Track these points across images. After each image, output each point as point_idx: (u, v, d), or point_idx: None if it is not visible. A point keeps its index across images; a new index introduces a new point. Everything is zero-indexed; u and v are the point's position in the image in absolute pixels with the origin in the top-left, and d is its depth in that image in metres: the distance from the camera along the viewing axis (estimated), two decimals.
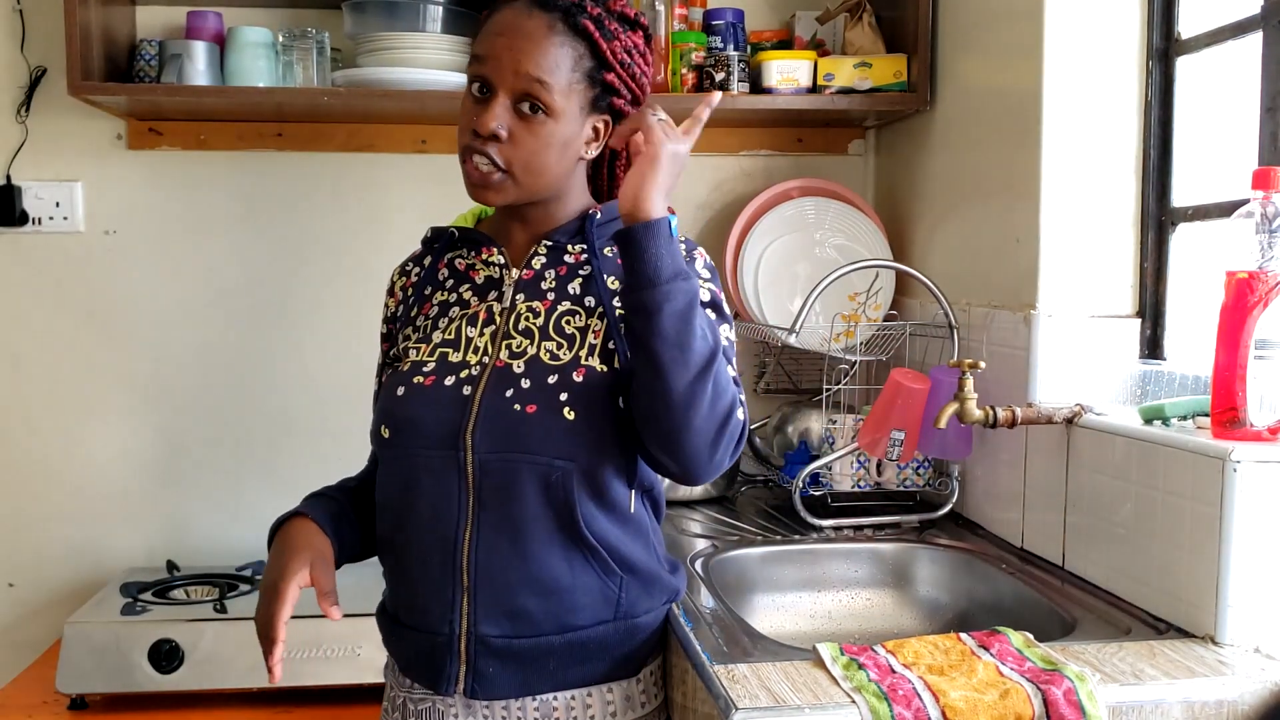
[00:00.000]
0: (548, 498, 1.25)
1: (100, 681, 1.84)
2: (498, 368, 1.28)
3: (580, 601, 1.28)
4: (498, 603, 1.26)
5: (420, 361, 1.31)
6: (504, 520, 1.25)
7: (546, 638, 1.27)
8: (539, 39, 1.25)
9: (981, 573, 1.70)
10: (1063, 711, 1.10)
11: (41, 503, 2.25)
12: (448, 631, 1.27)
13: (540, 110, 1.25)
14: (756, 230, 2.21)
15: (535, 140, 1.26)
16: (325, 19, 2.16)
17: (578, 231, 1.35)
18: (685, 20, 2.17)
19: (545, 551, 1.26)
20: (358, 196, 2.29)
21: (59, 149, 2.20)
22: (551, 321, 1.30)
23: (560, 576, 1.27)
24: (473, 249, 1.38)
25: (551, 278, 1.33)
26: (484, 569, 1.26)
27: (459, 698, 1.30)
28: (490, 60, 1.26)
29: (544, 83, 1.24)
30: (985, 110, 1.89)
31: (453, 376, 1.28)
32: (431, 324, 1.35)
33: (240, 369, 2.27)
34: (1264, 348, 1.28)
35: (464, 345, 1.31)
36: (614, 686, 1.33)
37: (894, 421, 1.83)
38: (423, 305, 1.38)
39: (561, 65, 1.25)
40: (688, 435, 1.20)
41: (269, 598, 1.24)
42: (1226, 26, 1.54)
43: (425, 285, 1.39)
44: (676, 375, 1.17)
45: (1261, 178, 1.27)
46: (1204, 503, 1.30)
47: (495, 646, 1.27)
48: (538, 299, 1.32)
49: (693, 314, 1.19)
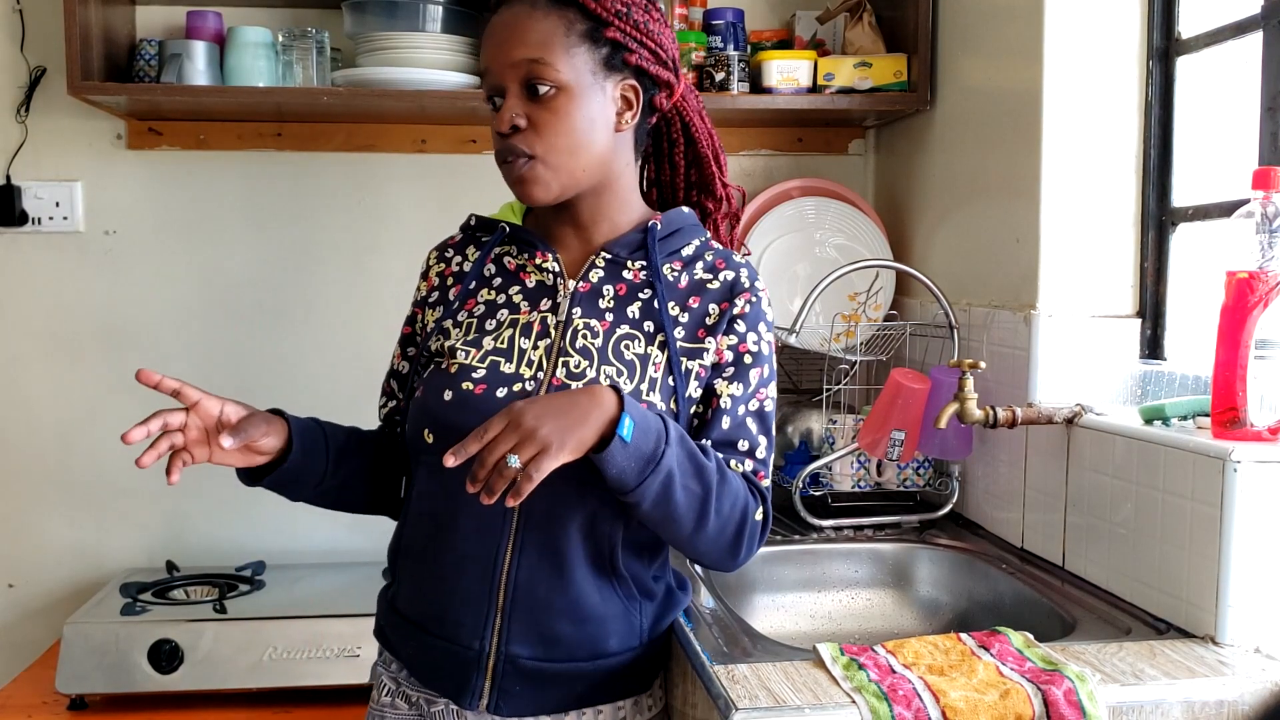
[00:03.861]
0: (591, 528, 1.24)
1: (100, 682, 1.83)
2: (554, 386, 1.24)
3: (610, 629, 1.27)
4: (534, 625, 1.25)
5: (469, 366, 1.26)
6: (546, 545, 1.24)
7: (577, 663, 1.26)
8: (522, 22, 1.24)
9: (981, 573, 1.70)
10: (1063, 712, 1.10)
11: (41, 503, 2.25)
12: (478, 648, 1.25)
13: (549, 88, 1.23)
14: (756, 230, 2.21)
15: (554, 117, 1.24)
16: (325, 19, 2.15)
17: (638, 246, 1.31)
18: (685, 20, 2.17)
19: (582, 579, 1.25)
20: (358, 196, 2.29)
21: (59, 149, 2.20)
22: (610, 344, 1.26)
23: (594, 605, 1.26)
24: (524, 250, 1.34)
25: (610, 295, 1.30)
26: (523, 590, 1.24)
27: (479, 714, 1.28)
28: (491, 66, 1.25)
29: (539, 60, 1.22)
30: (985, 110, 1.89)
31: (505, 389, 1.24)
32: (478, 324, 1.30)
33: (240, 368, 2.27)
34: (1264, 348, 1.28)
35: (517, 357, 1.26)
36: (626, 699, 1.33)
37: (894, 421, 1.83)
38: (466, 300, 1.33)
39: (552, 36, 1.23)
40: (703, 557, 1.27)
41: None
42: (1226, 26, 1.54)
43: (470, 279, 1.34)
44: (674, 534, 1.23)
45: (1261, 178, 1.27)
46: (1204, 503, 1.30)
47: (526, 668, 1.25)
48: (596, 318, 1.28)
49: (671, 492, 1.16)
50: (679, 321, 1.28)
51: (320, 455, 1.32)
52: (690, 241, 1.34)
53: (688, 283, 1.31)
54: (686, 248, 1.33)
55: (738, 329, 1.29)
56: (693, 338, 1.28)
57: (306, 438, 1.30)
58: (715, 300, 1.30)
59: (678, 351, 1.26)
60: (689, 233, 1.35)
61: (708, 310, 1.29)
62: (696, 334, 1.28)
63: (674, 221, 1.34)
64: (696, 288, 1.31)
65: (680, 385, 1.25)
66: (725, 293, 1.30)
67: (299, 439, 1.28)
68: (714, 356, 1.28)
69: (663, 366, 1.26)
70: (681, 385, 1.26)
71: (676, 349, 1.26)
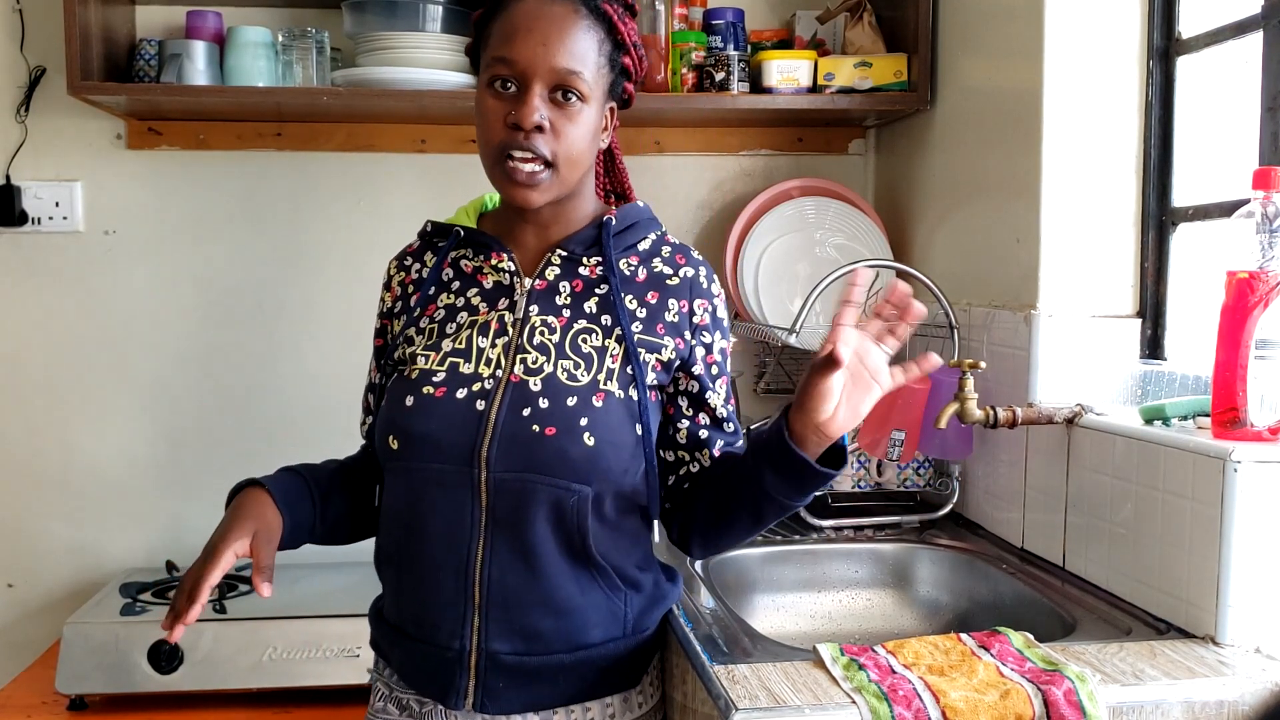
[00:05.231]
0: (560, 520, 1.24)
1: (100, 682, 1.83)
2: (513, 383, 1.25)
3: (591, 620, 1.28)
4: (510, 621, 1.25)
5: (429, 370, 1.28)
6: (516, 540, 1.24)
7: (557, 656, 1.27)
8: (568, 28, 1.23)
9: (982, 573, 1.70)
10: (1063, 712, 1.10)
11: (41, 503, 2.24)
12: (458, 647, 1.26)
13: (576, 98, 1.24)
14: (756, 230, 2.21)
15: (575, 128, 1.24)
16: (325, 19, 2.15)
17: (593, 242, 1.32)
18: (685, 20, 2.17)
19: (556, 571, 1.25)
20: (357, 196, 2.29)
21: (59, 149, 2.20)
22: (568, 340, 1.28)
23: (571, 596, 1.26)
24: (480, 251, 1.35)
25: (566, 292, 1.31)
26: (497, 587, 1.25)
27: (467, 713, 1.29)
28: (520, 60, 1.22)
29: (578, 73, 1.23)
30: (985, 110, 1.89)
31: (464, 389, 1.26)
32: (438, 329, 1.32)
33: (240, 368, 2.27)
34: (1264, 348, 1.28)
35: (475, 357, 1.28)
36: (614, 695, 1.33)
37: (894, 421, 1.83)
38: (426, 306, 1.34)
39: (590, 52, 1.24)
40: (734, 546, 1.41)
41: (204, 557, 1.22)
42: (1227, 26, 1.54)
43: (429, 285, 1.35)
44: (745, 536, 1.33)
45: (1262, 178, 1.27)
46: (1204, 503, 1.30)
47: (506, 664, 1.26)
48: (553, 314, 1.29)
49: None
50: (636, 315, 1.30)
51: (315, 527, 1.34)
52: (646, 236, 1.36)
53: (646, 276, 1.32)
54: (643, 242, 1.35)
55: (704, 339, 1.33)
56: (651, 331, 1.29)
57: (301, 525, 1.33)
58: (675, 296, 1.31)
59: (635, 344, 1.28)
60: (644, 226, 1.36)
61: (667, 305, 1.31)
62: (655, 329, 1.30)
63: (629, 216, 1.35)
64: (655, 281, 1.32)
65: (639, 373, 1.27)
66: (685, 291, 1.32)
67: (287, 512, 1.30)
68: (672, 354, 1.30)
69: (620, 357, 1.27)
70: (641, 373, 1.27)
71: (634, 341, 1.28)
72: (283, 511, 1.29)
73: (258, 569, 1.21)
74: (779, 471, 1.20)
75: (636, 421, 1.26)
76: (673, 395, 1.33)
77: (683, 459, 1.35)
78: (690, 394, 1.33)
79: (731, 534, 1.32)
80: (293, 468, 1.37)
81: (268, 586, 1.20)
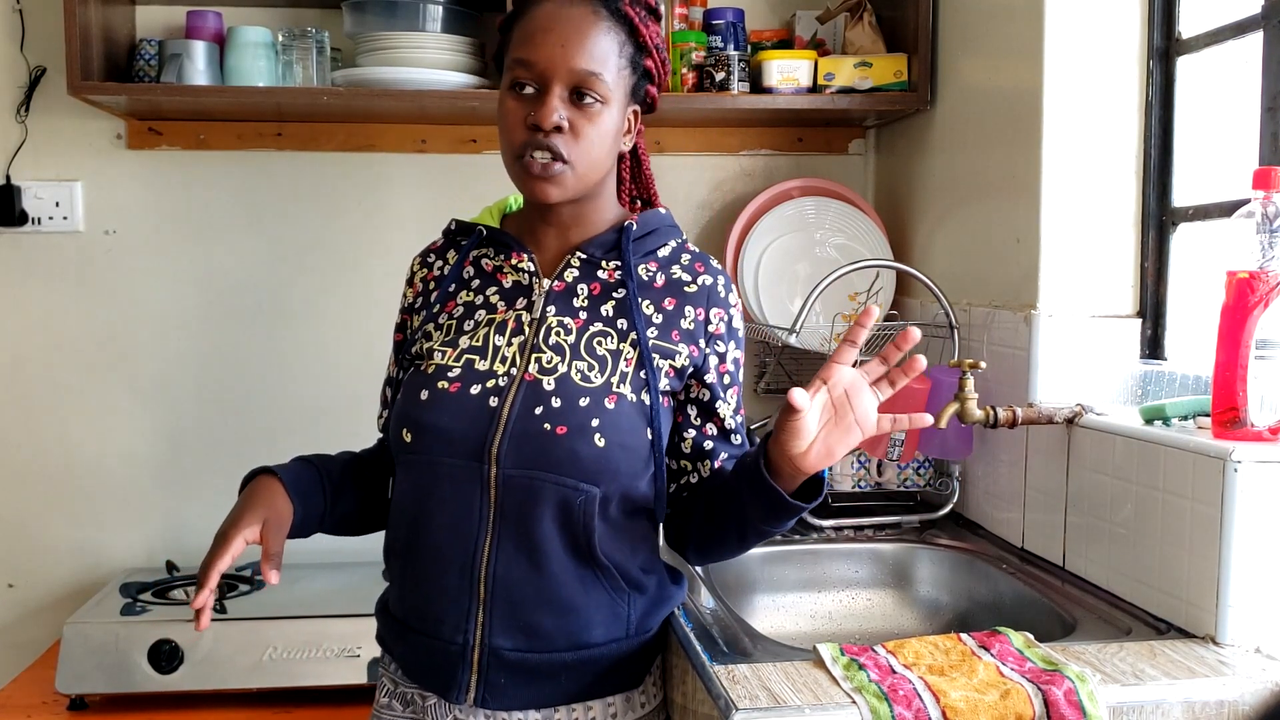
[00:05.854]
0: (567, 519, 1.24)
1: (100, 682, 1.83)
2: (526, 381, 1.26)
3: (594, 619, 1.28)
4: (513, 617, 1.25)
5: (445, 366, 1.29)
6: (522, 537, 1.25)
7: (559, 654, 1.27)
8: (588, 30, 1.24)
9: (982, 573, 1.70)
10: (1063, 712, 1.10)
11: (41, 503, 2.25)
12: (461, 641, 1.26)
13: (595, 100, 1.24)
14: (756, 230, 2.21)
15: (594, 129, 1.25)
16: (325, 19, 2.15)
17: (613, 246, 1.33)
18: (685, 20, 2.17)
19: (561, 570, 1.25)
20: (357, 196, 2.29)
21: (59, 149, 2.20)
22: (583, 341, 1.28)
23: (575, 595, 1.26)
24: (501, 251, 1.36)
25: (584, 294, 1.31)
26: (502, 583, 1.25)
27: (469, 708, 1.29)
28: (540, 61, 1.23)
29: (597, 75, 1.23)
30: (985, 110, 1.89)
31: (479, 385, 1.27)
32: (456, 325, 1.33)
33: (240, 369, 2.27)
34: (1264, 348, 1.28)
35: (491, 354, 1.29)
36: (616, 694, 1.33)
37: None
38: (446, 303, 1.35)
39: (610, 54, 1.25)
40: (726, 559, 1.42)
41: (214, 545, 1.24)
42: (1227, 26, 1.54)
43: (450, 282, 1.36)
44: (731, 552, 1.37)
45: (1262, 178, 1.27)
46: (1204, 503, 1.30)
47: (509, 660, 1.26)
48: (569, 315, 1.30)
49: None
50: (652, 321, 1.30)
51: (326, 517, 1.36)
52: (666, 242, 1.36)
53: (664, 282, 1.33)
54: (663, 248, 1.36)
55: (718, 348, 1.33)
56: (666, 337, 1.30)
57: (312, 515, 1.34)
58: (692, 304, 1.32)
59: (650, 349, 1.28)
60: (665, 233, 1.37)
61: (684, 313, 1.31)
62: (671, 335, 1.30)
63: (650, 222, 1.35)
64: (673, 288, 1.32)
65: (652, 378, 1.27)
66: (702, 299, 1.33)
67: (299, 501, 1.32)
68: (686, 361, 1.30)
69: (634, 361, 1.28)
70: (654, 379, 1.27)
71: (649, 346, 1.28)
72: (294, 500, 1.30)
73: (266, 556, 1.23)
74: (755, 498, 1.21)
75: (647, 425, 1.27)
76: (683, 403, 1.34)
77: (685, 468, 1.35)
78: (700, 402, 1.33)
79: (722, 548, 1.35)
80: (306, 457, 1.38)
81: (275, 574, 1.22)
